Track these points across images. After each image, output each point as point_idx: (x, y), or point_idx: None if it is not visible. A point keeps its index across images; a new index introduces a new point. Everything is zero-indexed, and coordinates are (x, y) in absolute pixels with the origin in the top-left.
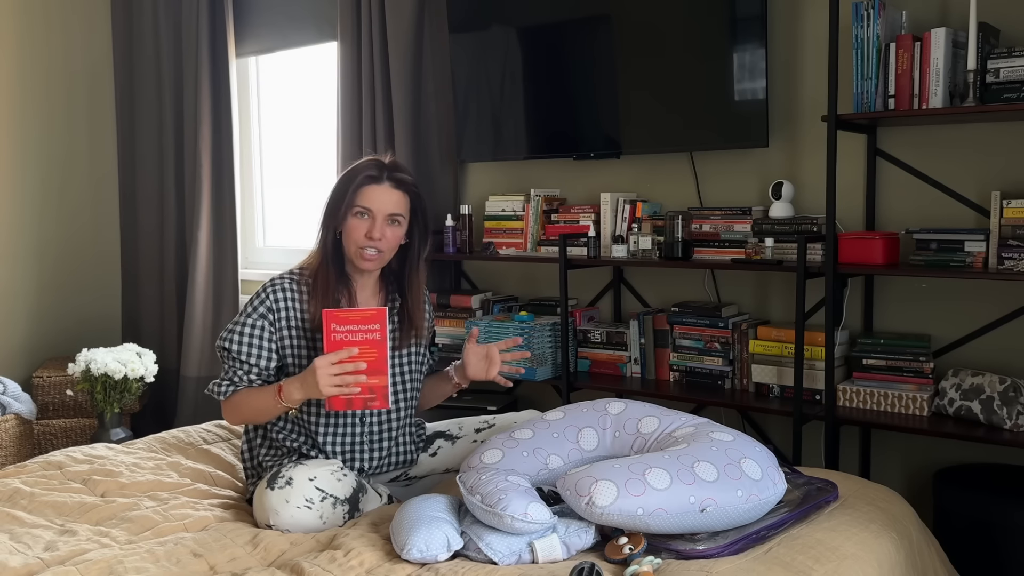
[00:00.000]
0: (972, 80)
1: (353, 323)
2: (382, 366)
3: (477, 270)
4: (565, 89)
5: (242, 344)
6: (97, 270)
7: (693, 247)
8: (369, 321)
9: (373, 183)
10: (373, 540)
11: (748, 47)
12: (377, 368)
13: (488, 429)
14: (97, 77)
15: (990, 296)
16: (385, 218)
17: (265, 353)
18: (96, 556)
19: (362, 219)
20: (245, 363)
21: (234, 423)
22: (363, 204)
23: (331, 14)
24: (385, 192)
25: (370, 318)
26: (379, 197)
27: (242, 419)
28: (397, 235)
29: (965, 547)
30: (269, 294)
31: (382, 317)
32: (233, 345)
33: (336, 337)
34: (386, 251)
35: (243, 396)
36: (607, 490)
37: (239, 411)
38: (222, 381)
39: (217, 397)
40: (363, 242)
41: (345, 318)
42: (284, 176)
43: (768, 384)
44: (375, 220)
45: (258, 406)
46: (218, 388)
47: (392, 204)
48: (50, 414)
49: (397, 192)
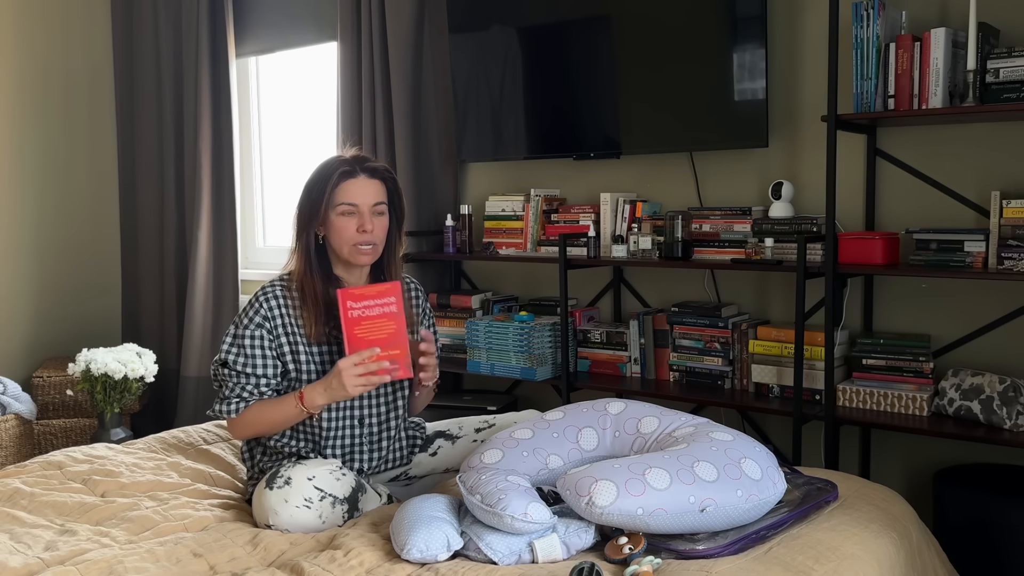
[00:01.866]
0: (972, 80)
1: (368, 299)
2: (401, 336)
3: (477, 270)
4: (565, 89)
5: (246, 357)
6: (97, 270)
7: (693, 247)
8: (384, 295)
9: (349, 178)
10: (373, 540)
11: (748, 47)
12: (397, 340)
13: (488, 429)
14: (97, 77)
15: (990, 296)
16: (371, 209)
17: (270, 362)
18: (96, 556)
19: (349, 216)
20: (252, 375)
21: (246, 438)
22: (347, 200)
23: (331, 14)
24: (364, 184)
25: (385, 292)
26: (361, 190)
27: (256, 433)
28: (384, 224)
29: (965, 547)
30: (262, 303)
31: (397, 290)
32: (237, 360)
33: (353, 314)
34: (379, 242)
35: (258, 410)
36: (607, 490)
37: (253, 426)
38: (229, 399)
39: (225, 416)
40: (357, 238)
41: (360, 295)
42: (284, 176)
43: (768, 384)
44: (363, 214)
45: (277, 418)
46: (226, 407)
47: (373, 194)
48: (50, 414)
49: (374, 181)
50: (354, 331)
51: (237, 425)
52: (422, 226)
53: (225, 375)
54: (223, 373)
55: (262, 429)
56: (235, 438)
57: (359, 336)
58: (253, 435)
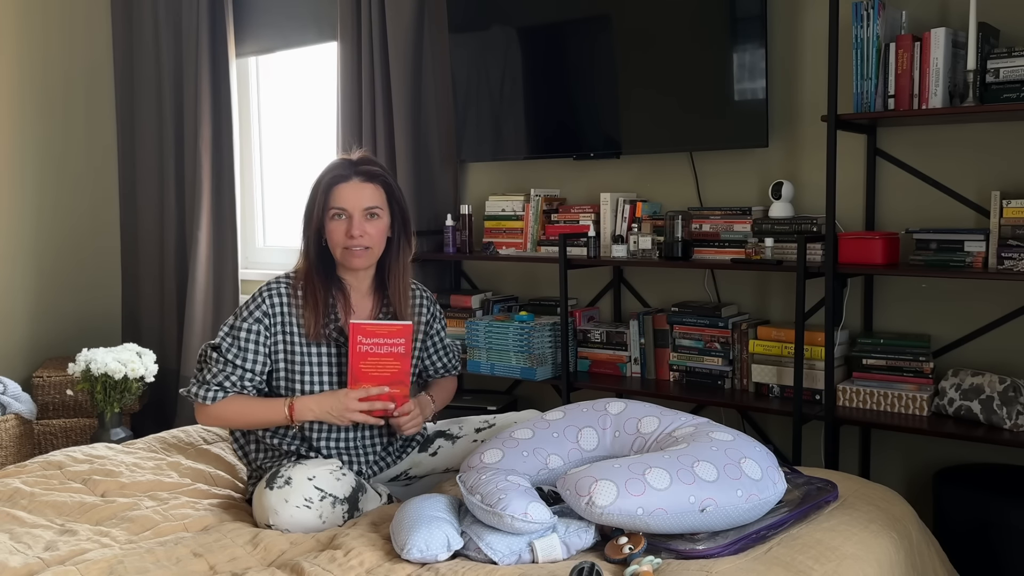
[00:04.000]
0: (972, 80)
1: (379, 336)
2: (404, 378)
3: (477, 270)
4: (565, 89)
5: (237, 348)
6: (97, 270)
7: (693, 247)
8: (395, 335)
9: (342, 182)
10: (373, 540)
11: (748, 47)
12: (399, 379)
13: (488, 429)
14: (97, 77)
15: (990, 296)
16: (362, 214)
17: (260, 359)
18: (96, 556)
19: (339, 220)
20: (239, 367)
21: (211, 426)
22: (337, 205)
23: (331, 14)
24: (356, 188)
25: (396, 332)
26: (351, 194)
27: (227, 425)
28: (379, 228)
29: (965, 547)
30: (265, 299)
31: (408, 332)
32: (230, 348)
33: (362, 348)
34: (373, 246)
35: (236, 404)
36: (607, 490)
37: (225, 418)
38: (209, 384)
39: (199, 400)
40: (346, 242)
41: (372, 331)
42: (284, 176)
43: (768, 384)
44: (352, 218)
45: (258, 418)
46: (203, 391)
47: (366, 198)
48: (50, 414)
49: (369, 185)
50: (359, 365)
51: (208, 411)
52: (422, 226)
53: (213, 359)
54: (212, 357)
55: (235, 423)
56: (200, 423)
57: (364, 371)
58: (219, 425)
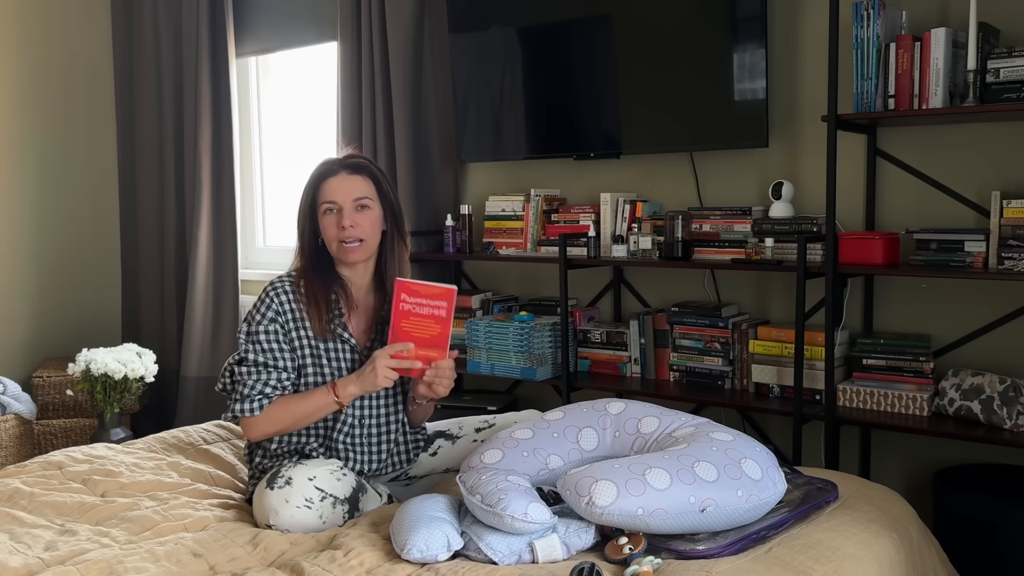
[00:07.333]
0: (972, 80)
1: (423, 296)
2: (443, 342)
3: (477, 270)
4: (565, 89)
5: (264, 351)
6: (97, 270)
7: (693, 247)
8: (438, 297)
9: (330, 176)
10: (373, 540)
11: (748, 47)
12: (438, 343)
13: (488, 429)
14: (97, 77)
15: (990, 296)
16: (352, 205)
17: (287, 355)
18: (96, 556)
19: (331, 214)
20: (273, 368)
21: (268, 436)
22: (327, 199)
23: (331, 14)
24: (343, 180)
25: (439, 295)
26: (339, 187)
27: (280, 430)
28: (371, 219)
29: (965, 547)
30: (272, 298)
31: (451, 296)
32: (258, 356)
33: (404, 307)
34: (367, 238)
35: (283, 406)
36: (607, 490)
37: (278, 423)
38: (251, 397)
39: (246, 415)
40: (339, 235)
41: (416, 290)
42: (284, 176)
43: (768, 384)
44: (343, 210)
45: (308, 410)
46: (248, 405)
47: (354, 189)
48: (50, 414)
49: (355, 177)
50: (401, 323)
51: (259, 423)
52: (422, 226)
53: (243, 373)
54: (240, 372)
55: (287, 424)
56: (253, 438)
57: (404, 329)
58: (275, 433)
